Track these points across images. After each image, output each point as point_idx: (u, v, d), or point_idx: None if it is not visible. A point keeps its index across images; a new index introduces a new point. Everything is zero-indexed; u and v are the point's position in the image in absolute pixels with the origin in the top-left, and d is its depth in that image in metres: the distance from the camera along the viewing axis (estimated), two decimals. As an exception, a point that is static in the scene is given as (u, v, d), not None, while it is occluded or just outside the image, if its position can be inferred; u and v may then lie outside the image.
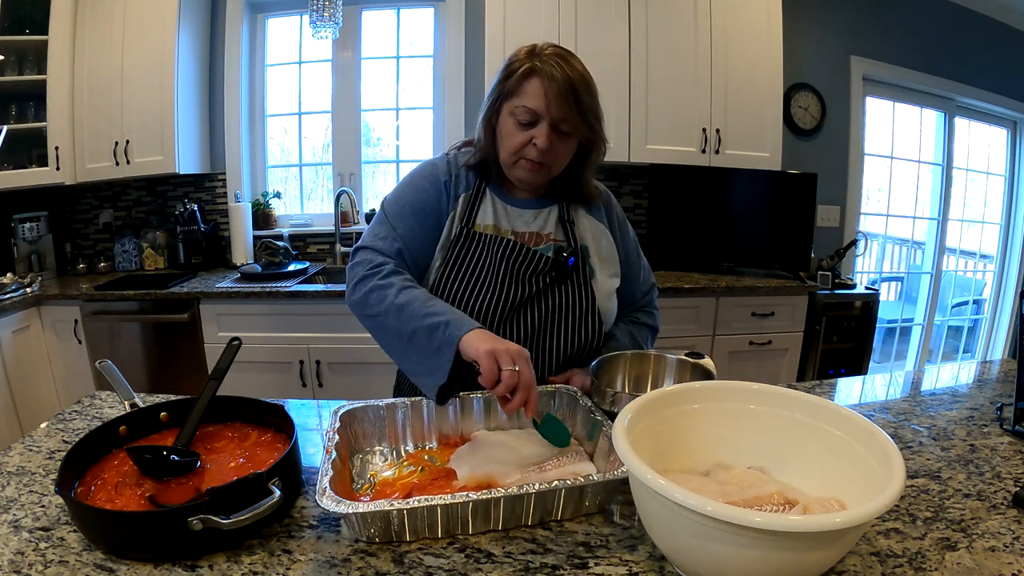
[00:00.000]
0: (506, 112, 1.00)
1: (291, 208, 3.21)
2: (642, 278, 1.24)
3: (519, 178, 1.04)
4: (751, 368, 2.68)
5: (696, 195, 2.90)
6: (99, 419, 1.02)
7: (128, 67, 2.66)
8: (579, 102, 0.96)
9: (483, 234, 1.06)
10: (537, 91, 0.96)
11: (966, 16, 3.32)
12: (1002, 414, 1.03)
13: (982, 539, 0.68)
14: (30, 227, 2.79)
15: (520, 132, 0.98)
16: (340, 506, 0.63)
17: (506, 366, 0.80)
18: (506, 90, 0.99)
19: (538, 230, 1.09)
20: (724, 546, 0.52)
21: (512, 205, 1.10)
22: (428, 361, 0.89)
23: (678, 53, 2.67)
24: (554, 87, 0.95)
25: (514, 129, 0.99)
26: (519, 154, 1.00)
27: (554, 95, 0.95)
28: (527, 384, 0.81)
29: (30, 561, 0.64)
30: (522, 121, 0.98)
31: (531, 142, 0.98)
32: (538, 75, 0.96)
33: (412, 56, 3.11)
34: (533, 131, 0.98)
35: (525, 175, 1.02)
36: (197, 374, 2.47)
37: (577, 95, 0.96)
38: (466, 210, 1.06)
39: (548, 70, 0.95)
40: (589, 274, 1.10)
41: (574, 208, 1.14)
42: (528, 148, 0.99)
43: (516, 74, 0.97)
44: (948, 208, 3.66)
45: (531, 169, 1.01)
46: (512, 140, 1.00)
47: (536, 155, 0.99)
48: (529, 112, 0.97)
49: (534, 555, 0.66)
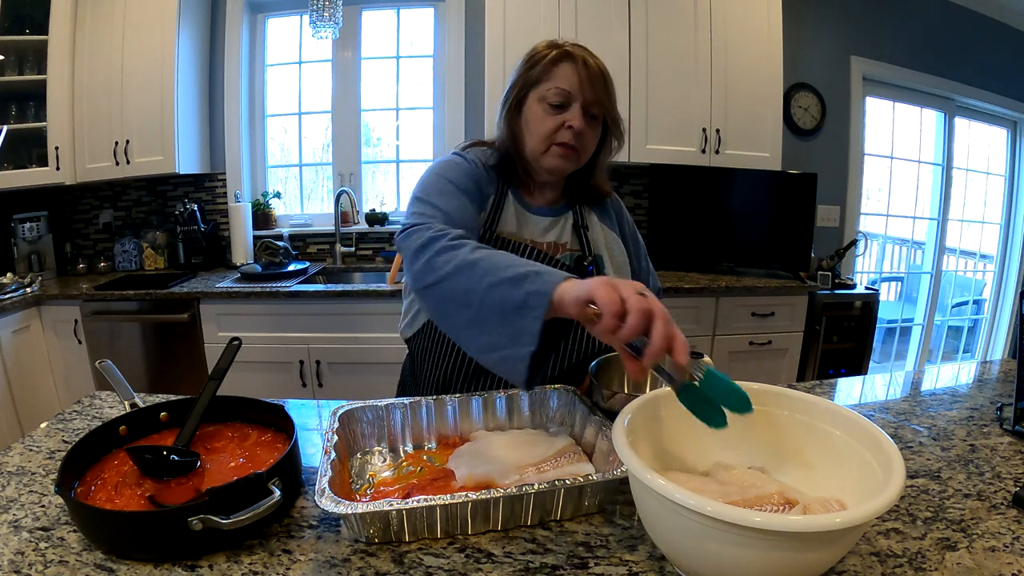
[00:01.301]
0: (534, 99, 1.00)
1: (291, 208, 3.21)
2: (649, 283, 1.25)
3: (550, 167, 1.02)
4: (751, 368, 2.68)
5: (696, 195, 2.90)
6: (99, 419, 1.02)
7: (128, 67, 2.66)
8: (607, 86, 1.00)
9: (507, 240, 1.05)
10: (570, 73, 0.97)
11: (966, 16, 3.32)
12: (1002, 414, 1.03)
13: (982, 539, 0.68)
14: (30, 227, 2.79)
15: (551, 116, 0.98)
16: (339, 507, 0.63)
17: (629, 292, 0.60)
18: (533, 78, 1.00)
19: (555, 240, 1.09)
20: (724, 546, 0.52)
21: (531, 212, 1.09)
22: (510, 323, 0.69)
23: (678, 53, 2.67)
24: (586, 71, 0.97)
25: (544, 114, 0.99)
26: (551, 139, 0.99)
27: (587, 77, 0.97)
28: (664, 316, 0.59)
29: (30, 561, 0.64)
30: (553, 103, 0.98)
31: (564, 125, 0.98)
32: (570, 59, 0.98)
33: (412, 56, 3.11)
34: (565, 114, 0.98)
35: (557, 162, 1.01)
36: (197, 374, 2.47)
37: (605, 80, 0.99)
38: (490, 215, 1.05)
39: (580, 55, 0.98)
40: None
41: (587, 214, 1.14)
42: (561, 132, 0.98)
43: (545, 60, 0.99)
44: (948, 208, 3.66)
45: (564, 155, 1.00)
46: (543, 126, 0.99)
47: (570, 138, 0.98)
48: (562, 94, 0.97)
49: (534, 555, 0.66)
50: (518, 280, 0.69)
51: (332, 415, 0.85)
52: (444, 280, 0.77)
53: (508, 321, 0.69)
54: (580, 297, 0.63)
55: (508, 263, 0.73)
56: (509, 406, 0.94)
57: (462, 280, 0.75)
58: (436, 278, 0.78)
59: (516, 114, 1.03)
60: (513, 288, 0.69)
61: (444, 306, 0.78)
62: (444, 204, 0.94)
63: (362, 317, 2.41)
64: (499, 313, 0.70)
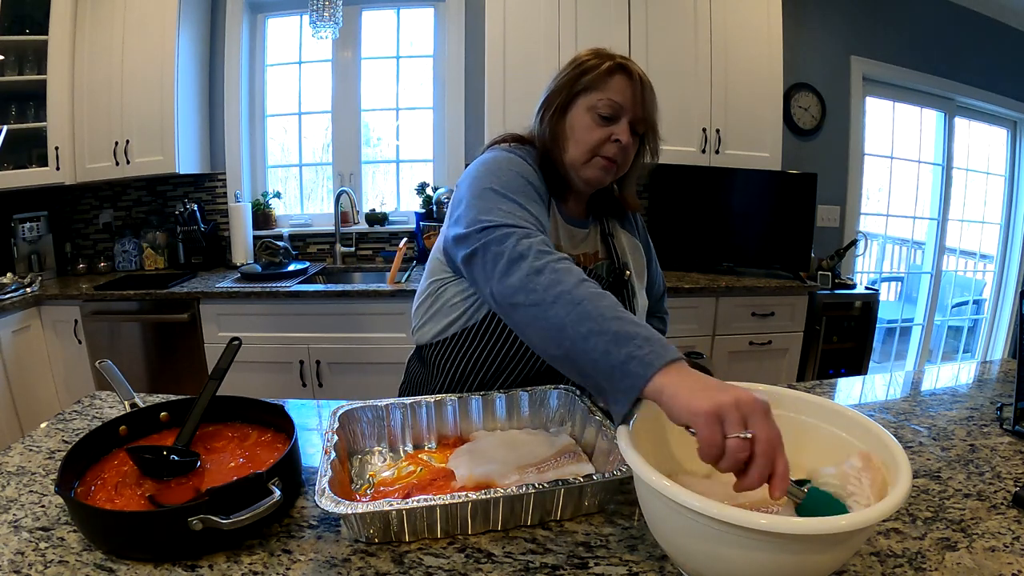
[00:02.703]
0: (582, 108, 0.98)
1: (291, 208, 3.21)
2: (658, 285, 1.25)
3: (589, 178, 1.00)
4: (751, 368, 2.68)
5: (696, 195, 2.91)
6: (99, 419, 1.02)
7: (128, 67, 2.66)
8: (654, 104, 0.99)
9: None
10: (624, 87, 0.97)
11: (966, 16, 3.32)
12: (1002, 414, 1.03)
13: (982, 539, 0.68)
14: (30, 227, 2.79)
15: (599, 128, 0.97)
16: (339, 507, 0.63)
17: (733, 431, 0.54)
18: (583, 86, 0.98)
19: (588, 251, 1.09)
20: (730, 548, 0.52)
21: (567, 223, 1.07)
22: (604, 377, 0.64)
23: (678, 53, 2.67)
24: (638, 86, 0.97)
25: (592, 124, 0.98)
26: (595, 150, 0.98)
27: (639, 93, 0.97)
28: (767, 452, 0.54)
29: (30, 561, 0.64)
30: (603, 115, 0.97)
31: (611, 138, 0.97)
32: (624, 72, 0.97)
33: (412, 56, 3.11)
34: (614, 127, 0.97)
35: (598, 174, 1.00)
36: (197, 374, 2.47)
37: (653, 98, 0.99)
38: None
39: (634, 69, 0.98)
40: (631, 294, 1.10)
41: (611, 222, 1.14)
42: (607, 145, 0.97)
43: (600, 70, 0.97)
44: (948, 208, 3.66)
45: (605, 167, 0.99)
46: (590, 136, 0.98)
47: (615, 152, 0.98)
48: (614, 105, 0.96)
49: (534, 555, 0.66)
50: (619, 340, 0.62)
51: (332, 415, 0.85)
52: (540, 306, 0.69)
53: (597, 375, 0.64)
54: (678, 410, 0.57)
55: (615, 314, 0.65)
56: (509, 406, 0.94)
57: (559, 314, 0.67)
58: (531, 301, 0.70)
59: (560, 118, 1.01)
60: (612, 347, 0.62)
61: (529, 331, 0.72)
62: (532, 208, 0.86)
63: (362, 317, 2.41)
64: (591, 363, 0.64)
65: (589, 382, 0.66)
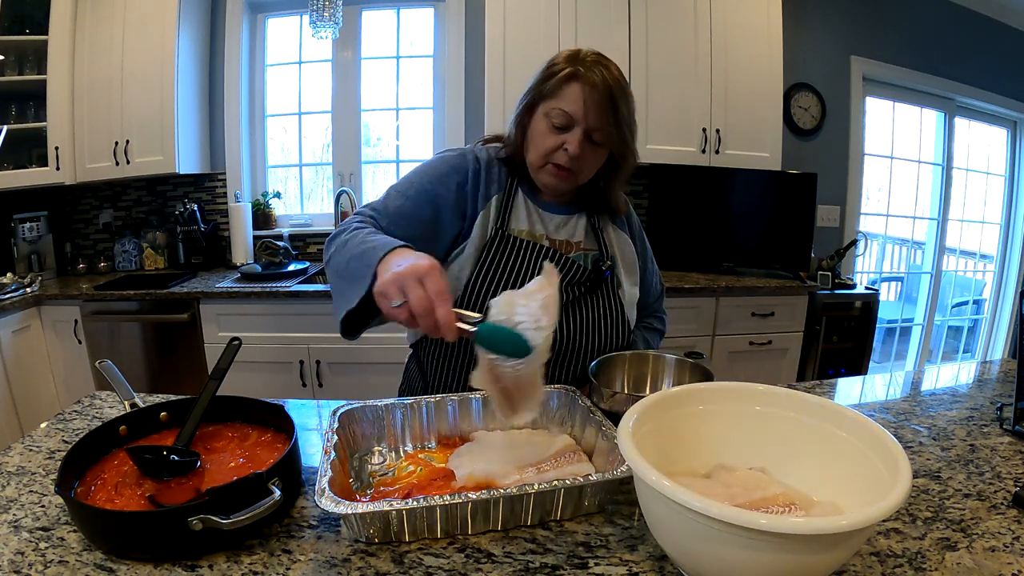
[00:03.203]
0: (541, 113, 0.99)
1: (291, 208, 3.22)
2: (655, 284, 1.25)
3: (544, 183, 1.03)
4: (751, 368, 2.68)
5: (696, 195, 2.91)
6: (99, 419, 1.02)
7: (128, 67, 2.66)
8: (616, 113, 0.96)
9: (518, 238, 1.04)
10: (576, 96, 0.95)
11: (966, 16, 3.32)
12: (1002, 414, 1.03)
13: (982, 539, 0.68)
14: (30, 227, 2.79)
15: (552, 135, 0.97)
16: (339, 507, 0.63)
17: (394, 300, 0.70)
18: (544, 91, 0.98)
19: (568, 237, 1.09)
20: (730, 548, 0.52)
21: (544, 209, 1.08)
22: (350, 288, 0.80)
23: (678, 53, 2.67)
24: (595, 95, 0.94)
25: (547, 132, 0.98)
26: (548, 158, 0.99)
27: (593, 103, 0.94)
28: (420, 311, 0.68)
29: (30, 561, 0.64)
30: (556, 124, 0.97)
31: (562, 147, 0.97)
32: (580, 80, 0.95)
33: (412, 56, 3.11)
34: (566, 136, 0.96)
35: (551, 180, 1.01)
36: (197, 374, 2.47)
37: (616, 105, 0.95)
38: (500, 212, 1.04)
39: (591, 77, 0.94)
40: (616, 284, 1.11)
41: (602, 218, 1.13)
42: (558, 153, 0.98)
43: (557, 76, 0.96)
44: (948, 208, 3.66)
45: (557, 175, 1.00)
46: (543, 142, 0.98)
47: (565, 160, 0.97)
48: (565, 116, 0.96)
49: (534, 555, 0.66)
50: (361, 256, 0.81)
51: (332, 415, 0.85)
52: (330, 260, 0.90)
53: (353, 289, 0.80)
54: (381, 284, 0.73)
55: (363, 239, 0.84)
56: (509, 406, 0.94)
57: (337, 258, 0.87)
58: (327, 258, 0.91)
59: (527, 120, 1.02)
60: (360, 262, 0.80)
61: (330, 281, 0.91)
62: (393, 204, 0.99)
63: (362, 317, 2.40)
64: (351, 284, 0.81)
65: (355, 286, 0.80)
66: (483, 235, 1.03)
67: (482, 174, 1.04)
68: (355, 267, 0.81)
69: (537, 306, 0.70)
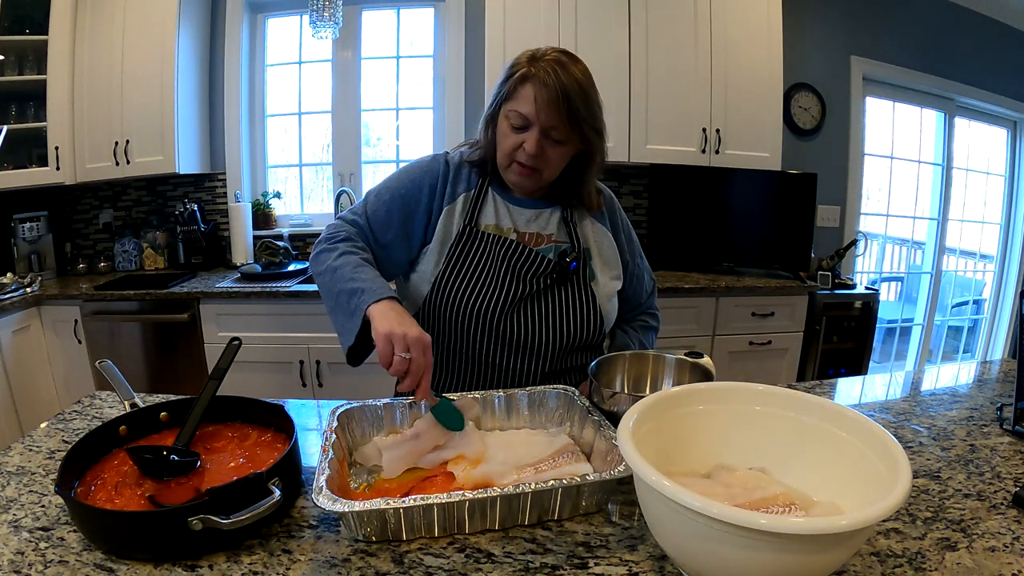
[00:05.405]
0: (503, 114, 1.01)
1: (291, 208, 3.21)
2: (645, 280, 1.25)
3: (512, 181, 1.06)
4: (751, 368, 2.68)
5: (696, 195, 2.90)
6: (99, 419, 1.02)
7: (128, 67, 2.66)
8: (571, 111, 0.96)
9: (486, 233, 1.07)
10: (529, 97, 0.96)
11: (966, 16, 3.32)
12: (1002, 414, 1.03)
13: (982, 539, 0.68)
14: (30, 227, 2.79)
15: (513, 135, 1.00)
16: (336, 505, 0.63)
17: (399, 352, 0.82)
18: (504, 93, 1.00)
19: (539, 230, 1.10)
20: (730, 548, 0.52)
21: (514, 204, 1.10)
22: (347, 323, 0.93)
23: (678, 53, 2.67)
24: (545, 94, 0.95)
25: (508, 132, 1.00)
26: (511, 157, 1.02)
27: (544, 102, 0.95)
28: (416, 372, 0.83)
29: (30, 561, 0.64)
30: (515, 125, 0.99)
31: (522, 146, 0.99)
32: (531, 81, 0.96)
33: (412, 56, 3.11)
34: (524, 135, 0.99)
35: (515, 178, 1.04)
36: (197, 374, 2.47)
37: (570, 103, 0.95)
38: (468, 209, 1.07)
39: (542, 77, 0.95)
40: (590, 276, 1.11)
41: (578, 211, 1.14)
42: (519, 152, 1.00)
43: (513, 78, 0.99)
44: (948, 208, 3.66)
45: (520, 173, 1.02)
46: (506, 142, 1.01)
47: (525, 159, 1.00)
48: (520, 117, 0.98)
49: (534, 555, 0.66)
50: (351, 293, 0.92)
51: (331, 414, 0.85)
52: (320, 276, 1.01)
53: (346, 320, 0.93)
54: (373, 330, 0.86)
55: (351, 276, 0.95)
56: (508, 406, 0.94)
57: (327, 280, 0.98)
58: (316, 272, 1.02)
59: (493, 122, 1.04)
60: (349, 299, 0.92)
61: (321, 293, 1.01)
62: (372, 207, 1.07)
63: (362, 317, 2.40)
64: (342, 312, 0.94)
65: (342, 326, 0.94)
66: (449, 231, 1.07)
67: (450, 175, 1.09)
68: (344, 303, 0.93)
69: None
